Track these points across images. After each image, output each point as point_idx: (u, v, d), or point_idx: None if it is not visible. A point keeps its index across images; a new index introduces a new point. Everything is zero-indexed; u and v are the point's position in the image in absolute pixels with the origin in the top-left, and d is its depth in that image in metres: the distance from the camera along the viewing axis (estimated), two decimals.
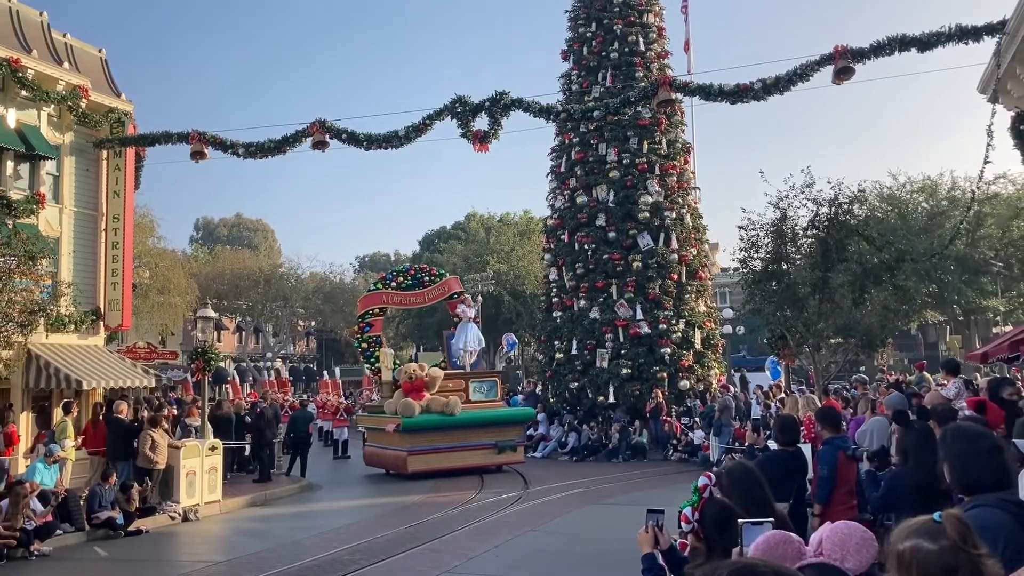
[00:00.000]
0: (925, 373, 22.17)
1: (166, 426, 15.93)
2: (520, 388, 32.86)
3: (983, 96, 14.56)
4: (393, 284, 24.41)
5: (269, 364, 56.92)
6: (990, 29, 14.32)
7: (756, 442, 9.84)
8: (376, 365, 23.13)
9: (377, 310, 24.38)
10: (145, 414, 17.04)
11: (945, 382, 11.97)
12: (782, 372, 24.75)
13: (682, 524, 3.60)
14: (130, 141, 19.67)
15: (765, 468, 5.24)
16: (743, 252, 19.82)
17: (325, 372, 45.17)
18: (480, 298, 36.14)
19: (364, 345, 24.09)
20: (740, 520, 3.25)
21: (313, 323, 63.12)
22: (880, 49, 15.26)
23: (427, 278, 24.42)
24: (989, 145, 14.78)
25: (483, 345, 23.32)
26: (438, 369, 21.46)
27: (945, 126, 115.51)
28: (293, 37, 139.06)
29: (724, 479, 4.01)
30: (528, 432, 24.16)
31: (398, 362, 23.58)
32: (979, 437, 3.49)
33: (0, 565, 11.76)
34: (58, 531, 13.09)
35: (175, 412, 20.44)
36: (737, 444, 18.63)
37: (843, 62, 15.48)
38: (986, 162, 15.11)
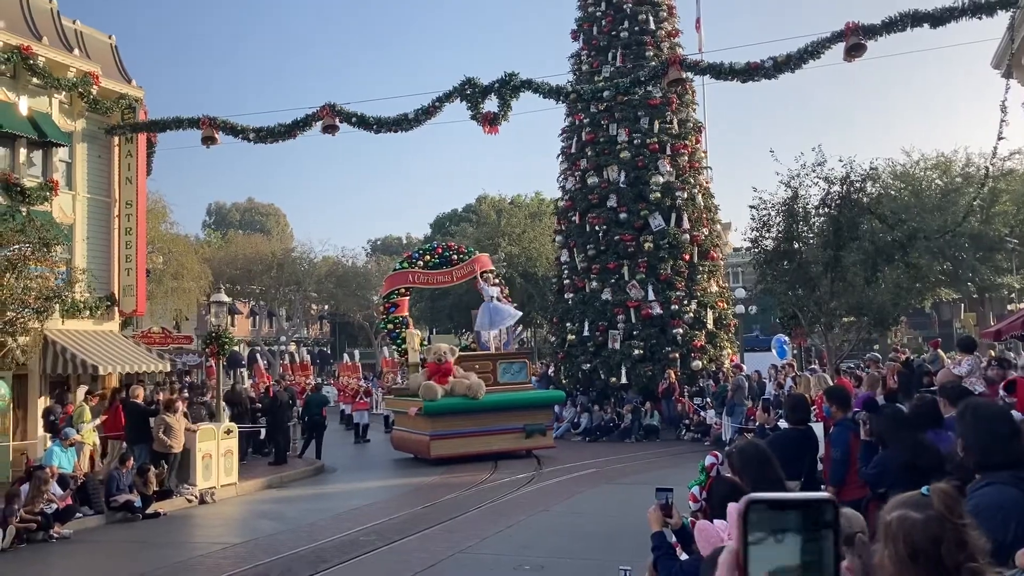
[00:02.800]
0: (940, 351, 22.03)
1: (183, 409, 16.05)
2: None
3: (997, 71, 14.40)
4: (420, 263, 24.09)
5: (284, 348, 57.28)
6: (1004, 3, 14.14)
7: (767, 422, 9.84)
8: (403, 347, 22.97)
9: (403, 290, 24.11)
10: (161, 396, 17.19)
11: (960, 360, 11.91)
12: (789, 351, 24.72)
13: (690, 503, 3.62)
14: (141, 127, 19.74)
15: (776, 447, 5.26)
16: (755, 232, 19.80)
17: (345, 355, 45.28)
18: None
19: (390, 326, 23.96)
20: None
21: (326, 307, 63.31)
22: (892, 25, 15.10)
23: (455, 256, 24.14)
24: (1003, 121, 14.66)
25: (511, 321, 22.49)
26: (453, 349, 21.21)
27: (959, 102, 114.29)
28: (304, 20, 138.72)
29: (735, 458, 4.01)
30: None
31: (425, 343, 23.36)
32: (998, 417, 3.44)
33: (22, 548, 11.93)
34: (78, 514, 13.26)
35: (186, 396, 20.57)
36: (750, 424, 18.64)
37: (854, 39, 15.33)
38: (1000, 138, 15.02)
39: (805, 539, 1.14)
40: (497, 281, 23.34)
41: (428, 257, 24.14)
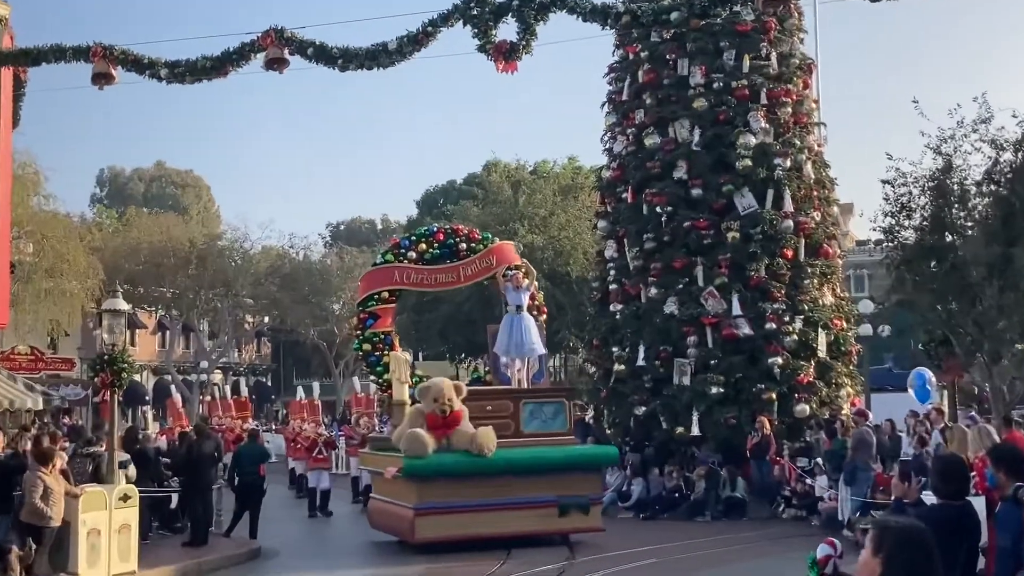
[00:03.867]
0: None
1: (62, 465, 16.09)
2: None
3: None
4: (412, 254, 23.80)
5: (205, 377, 57.47)
6: None
7: (907, 494, 9.78)
8: (385, 377, 22.66)
9: (387, 294, 24.00)
10: (30, 447, 17.23)
11: None
12: (935, 393, 24.59)
13: None
14: (5, 58, 19.88)
15: None
16: (889, 218, 19.71)
17: (298, 388, 45.33)
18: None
19: (366, 346, 23.85)
20: None
21: (266, 319, 63.62)
22: None
23: (463, 244, 23.91)
24: None
25: (541, 350, 21.89)
26: (460, 387, 20.70)
27: None
28: None
29: (884, 540, 3.94)
30: None
31: (420, 375, 22.85)
32: None
33: None
34: None
35: (66, 446, 20.59)
36: (878, 496, 18.52)
37: None
38: None
39: None
40: (528, 283, 22.61)
41: (424, 246, 23.95)
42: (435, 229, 25.18)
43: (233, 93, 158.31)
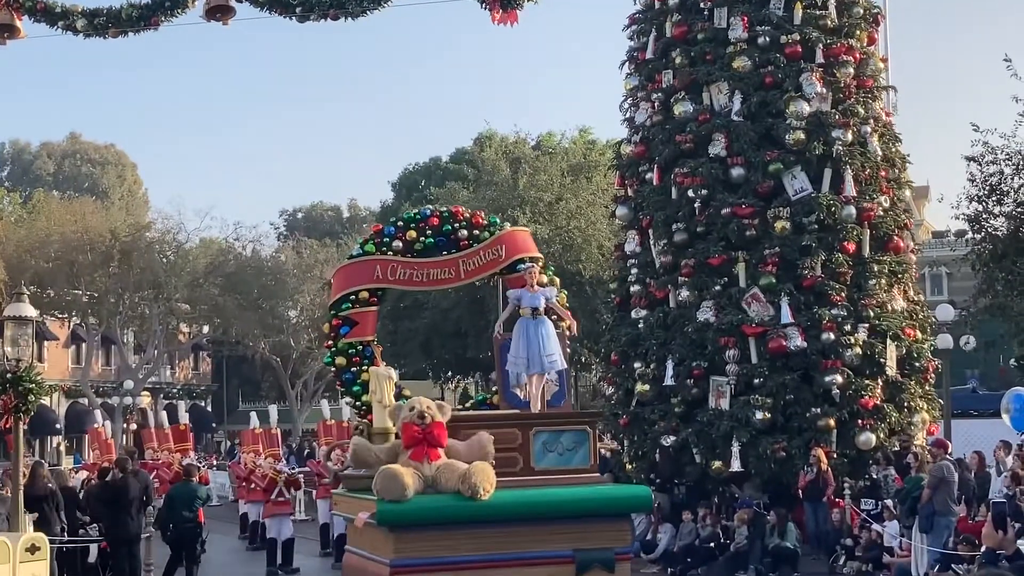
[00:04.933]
0: None
1: None
2: None
3: None
4: (397, 244, 23.72)
5: (131, 400, 57.42)
6: None
7: (1001, 544, 9.83)
8: (363, 399, 22.61)
9: (366, 293, 23.91)
10: None
11: None
12: None
13: None
14: None
15: None
16: (975, 203, 19.68)
17: (252, 416, 45.30)
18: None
19: (340, 360, 23.73)
20: None
21: (206, 328, 63.62)
22: None
23: (465, 231, 23.70)
24: None
25: (562, 364, 21.22)
26: (442, 405, 20.37)
27: None
28: None
29: None
30: None
31: (408, 394, 22.55)
32: None
33: None
34: None
35: None
36: (961, 547, 18.54)
37: None
38: None
39: None
40: (548, 279, 22.16)
41: (414, 233, 23.70)
42: (428, 212, 24.81)
43: (164, 51, 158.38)
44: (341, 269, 25.18)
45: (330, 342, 24.12)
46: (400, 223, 24.49)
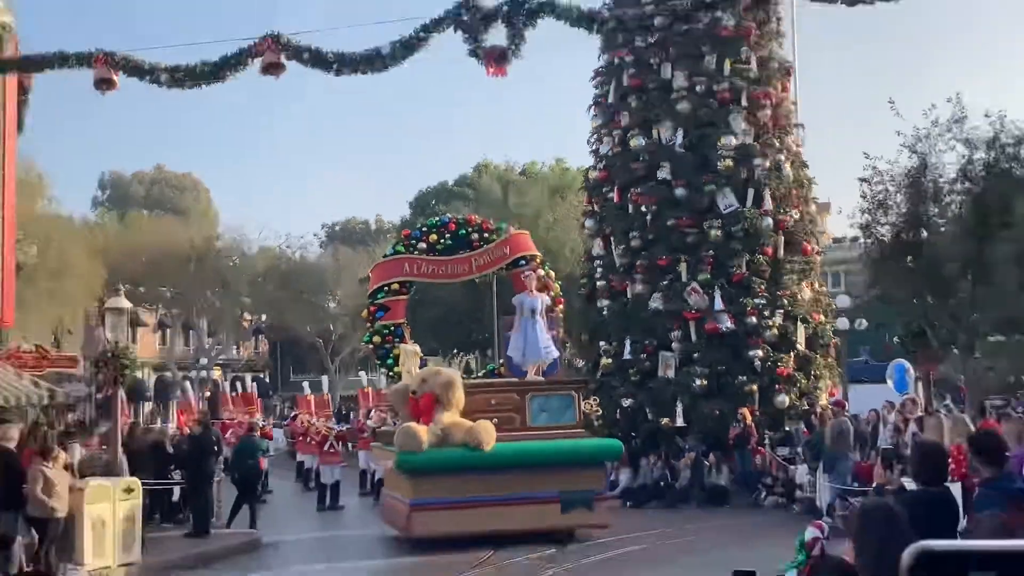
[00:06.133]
0: None
1: (66, 458, 16.01)
2: None
3: None
4: (422, 245, 23.60)
5: (205, 373, 57.34)
6: None
7: (887, 481, 9.80)
8: (395, 370, 22.39)
9: (397, 285, 23.74)
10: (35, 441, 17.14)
11: None
12: (912, 383, 24.61)
13: None
14: (10, 65, 19.76)
15: None
16: (866, 215, 19.77)
17: (305, 384, 45.20)
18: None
19: (376, 339, 23.56)
20: None
21: (264, 316, 63.50)
22: None
23: (475, 235, 23.75)
24: None
25: (550, 358, 20.76)
26: (451, 371, 20.31)
27: None
28: None
29: (857, 523, 3.95)
30: None
31: (430, 364, 22.27)
32: None
33: None
34: None
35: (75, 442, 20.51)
36: (856, 484, 18.56)
37: None
38: None
39: None
40: (546, 282, 21.70)
41: (435, 237, 23.60)
42: (447, 219, 24.80)
43: (232, 97, 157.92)
44: (377, 265, 25.08)
45: (368, 322, 24.04)
46: (424, 228, 24.48)
